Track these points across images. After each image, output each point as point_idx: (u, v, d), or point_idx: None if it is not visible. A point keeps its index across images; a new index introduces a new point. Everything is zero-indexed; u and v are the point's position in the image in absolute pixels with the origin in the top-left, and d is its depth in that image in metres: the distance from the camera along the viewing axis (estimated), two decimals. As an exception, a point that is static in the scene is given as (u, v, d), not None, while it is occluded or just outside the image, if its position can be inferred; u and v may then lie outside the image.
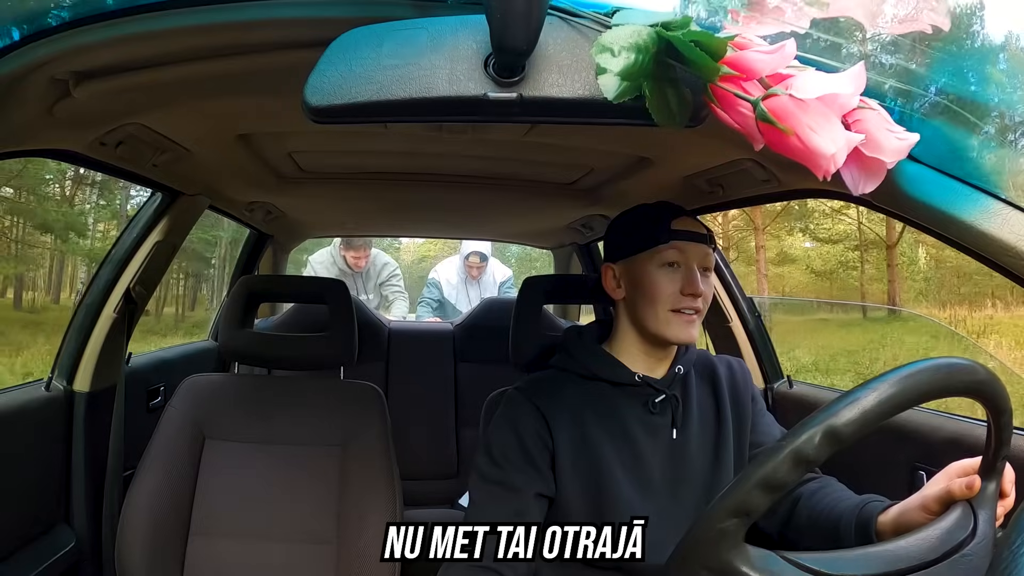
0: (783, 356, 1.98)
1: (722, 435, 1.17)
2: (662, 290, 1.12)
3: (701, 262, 1.14)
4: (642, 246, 1.14)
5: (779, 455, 0.62)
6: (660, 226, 1.13)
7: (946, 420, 1.30)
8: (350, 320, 1.63)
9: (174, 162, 1.44)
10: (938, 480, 0.83)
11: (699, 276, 1.13)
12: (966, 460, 0.82)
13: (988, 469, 0.75)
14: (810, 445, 0.61)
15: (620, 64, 0.67)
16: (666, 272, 1.12)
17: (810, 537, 1.07)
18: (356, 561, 1.43)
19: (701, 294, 1.12)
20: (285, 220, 2.57)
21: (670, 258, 1.12)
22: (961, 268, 14.51)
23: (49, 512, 1.63)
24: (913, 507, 0.86)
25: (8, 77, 0.87)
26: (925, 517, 0.81)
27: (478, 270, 4.27)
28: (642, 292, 1.14)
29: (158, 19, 0.82)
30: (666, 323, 1.12)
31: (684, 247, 1.13)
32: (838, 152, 0.63)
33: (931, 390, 0.64)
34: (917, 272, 16.35)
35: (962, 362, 0.67)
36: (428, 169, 1.84)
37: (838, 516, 1.00)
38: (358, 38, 0.71)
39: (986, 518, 0.73)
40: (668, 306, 1.12)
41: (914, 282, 16.16)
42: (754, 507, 0.63)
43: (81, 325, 1.72)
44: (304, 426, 1.58)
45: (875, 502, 0.97)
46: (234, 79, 1.03)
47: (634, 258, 1.16)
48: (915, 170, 0.84)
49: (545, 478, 1.11)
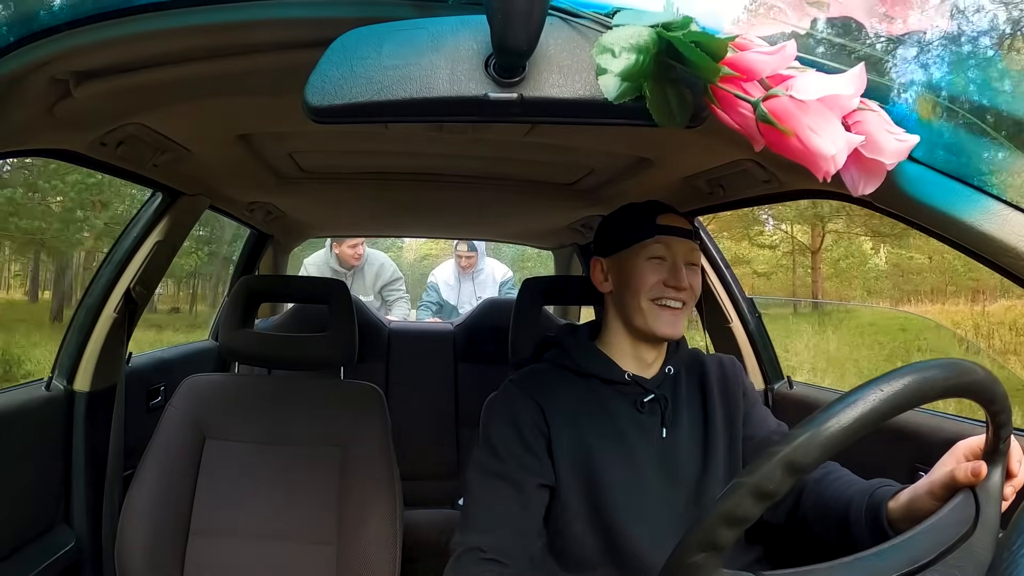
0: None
1: (711, 434, 1.18)
2: (646, 280, 1.15)
3: (687, 257, 1.18)
4: (629, 241, 1.18)
5: (773, 460, 0.62)
6: (646, 222, 1.18)
7: (945, 420, 1.30)
8: (350, 320, 1.63)
9: (174, 162, 1.44)
10: (945, 462, 0.83)
11: (684, 270, 1.16)
12: (973, 439, 0.82)
13: (991, 453, 0.75)
14: (804, 452, 0.61)
15: (621, 65, 0.67)
16: (652, 264, 1.16)
17: (818, 525, 1.07)
18: (356, 561, 1.43)
19: (686, 287, 1.15)
20: (285, 220, 2.57)
21: (656, 252, 1.16)
22: (906, 267, 16.97)
23: (49, 512, 1.63)
24: (922, 492, 0.86)
25: (8, 77, 0.87)
26: (934, 503, 0.81)
27: (467, 260, 4.28)
28: (627, 283, 1.17)
29: (158, 19, 0.82)
30: (650, 315, 1.15)
31: (669, 242, 1.17)
32: (838, 153, 0.63)
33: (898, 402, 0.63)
34: (869, 271, 18.29)
35: (949, 362, 0.66)
36: (428, 169, 1.84)
37: (847, 502, 1.00)
38: (359, 38, 0.71)
39: (989, 508, 0.72)
40: (651, 295, 1.14)
41: (865, 280, 18.35)
42: (722, 541, 0.62)
43: (81, 325, 1.72)
44: (304, 426, 1.58)
45: (885, 487, 0.97)
46: (235, 79, 1.03)
47: (622, 253, 1.19)
48: (916, 171, 0.84)
49: (545, 466, 1.12)
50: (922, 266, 16.99)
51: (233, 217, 2.33)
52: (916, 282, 16.99)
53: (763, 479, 0.61)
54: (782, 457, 0.61)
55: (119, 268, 1.74)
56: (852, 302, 17.65)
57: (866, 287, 18.06)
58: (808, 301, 16.20)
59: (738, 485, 0.62)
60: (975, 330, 12.68)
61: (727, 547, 0.63)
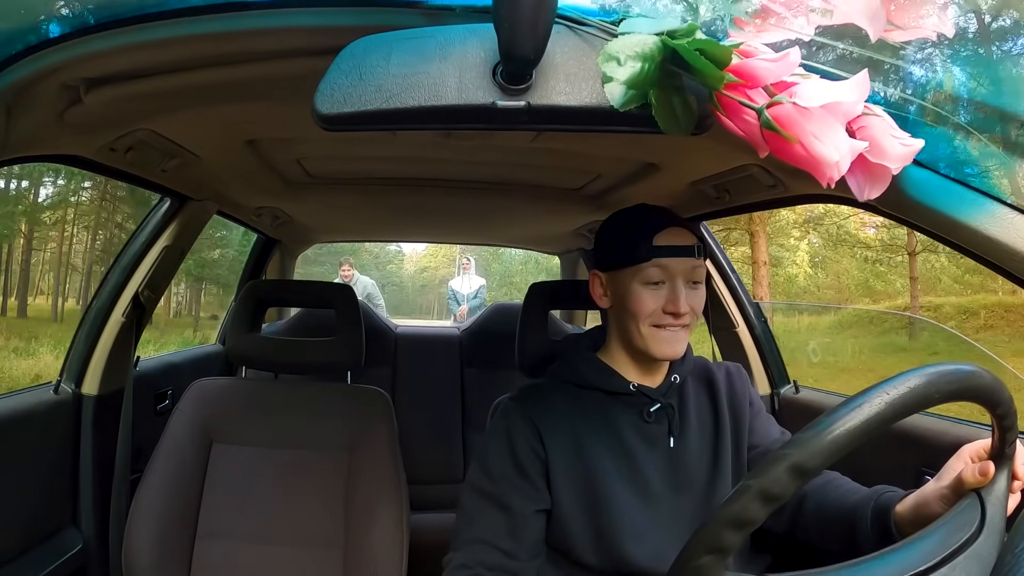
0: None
1: (720, 442, 1.15)
2: (643, 308, 1.08)
3: (688, 276, 1.09)
4: (625, 262, 1.10)
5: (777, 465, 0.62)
6: (643, 242, 1.08)
7: (952, 424, 1.29)
8: (357, 325, 1.63)
9: (183, 167, 1.45)
10: (952, 465, 0.82)
11: (683, 292, 1.08)
12: (979, 442, 0.81)
13: (997, 456, 0.75)
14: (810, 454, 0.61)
15: (626, 72, 0.67)
16: (649, 290, 1.08)
17: (821, 534, 1.06)
18: (363, 565, 1.43)
19: (685, 312, 1.08)
20: (293, 225, 2.58)
21: (652, 277, 1.08)
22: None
23: (57, 514, 1.64)
24: (929, 496, 0.85)
25: (19, 83, 0.88)
26: (942, 507, 0.80)
27: (463, 267, 8.46)
28: (625, 307, 1.11)
29: (169, 27, 0.83)
30: (649, 339, 1.09)
31: (667, 263, 1.08)
32: (842, 159, 0.63)
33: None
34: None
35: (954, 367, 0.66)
36: (435, 175, 1.84)
37: (851, 508, 0.99)
38: (367, 46, 0.72)
39: (995, 512, 0.72)
40: (650, 322, 1.09)
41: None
42: (727, 543, 0.63)
43: (90, 329, 1.74)
44: (311, 430, 1.59)
45: (889, 492, 0.96)
46: (244, 86, 1.03)
47: (618, 272, 1.12)
48: (920, 175, 0.84)
49: (540, 491, 1.09)
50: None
51: (240, 222, 2.34)
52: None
53: (770, 482, 0.61)
54: (788, 460, 0.61)
55: (127, 273, 1.75)
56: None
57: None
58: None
59: (745, 488, 0.62)
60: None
61: (733, 550, 0.63)
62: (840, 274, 20.19)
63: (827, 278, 20.61)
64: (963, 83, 0.85)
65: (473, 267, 8.42)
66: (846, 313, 15.60)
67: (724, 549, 0.63)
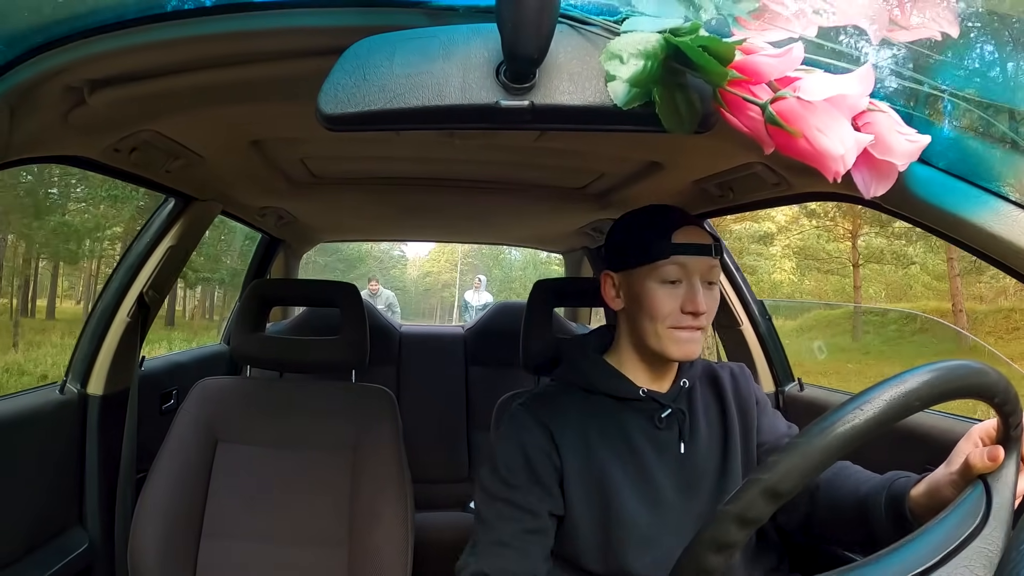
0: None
1: (730, 444, 1.15)
2: (661, 308, 1.07)
3: (705, 275, 1.08)
4: (641, 260, 1.09)
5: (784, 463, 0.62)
6: (661, 240, 1.07)
7: (957, 423, 1.29)
8: (362, 324, 1.63)
9: (187, 168, 1.46)
10: (961, 448, 0.81)
11: (701, 292, 1.07)
12: (989, 422, 0.80)
13: (1004, 441, 0.74)
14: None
15: (629, 71, 0.67)
16: (667, 289, 1.07)
17: (836, 527, 1.05)
18: (368, 564, 1.44)
19: (704, 311, 1.07)
20: (297, 225, 2.58)
21: (671, 275, 1.07)
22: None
23: (63, 514, 1.64)
24: (940, 481, 0.84)
25: (24, 85, 0.88)
26: (952, 492, 0.79)
27: (475, 286, 11.18)
28: (641, 308, 1.09)
29: (172, 28, 0.83)
30: (666, 340, 1.08)
31: (686, 261, 1.06)
32: (847, 153, 0.62)
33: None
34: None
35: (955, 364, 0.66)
36: (439, 174, 1.84)
37: (864, 496, 0.98)
38: (371, 47, 0.71)
39: (1001, 501, 0.71)
40: (668, 324, 1.07)
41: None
42: (733, 540, 0.63)
43: (95, 329, 1.74)
44: (316, 429, 1.59)
45: (903, 479, 0.95)
46: (248, 87, 1.03)
47: (633, 271, 1.10)
48: (925, 173, 0.83)
49: (554, 497, 1.08)
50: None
51: (244, 222, 2.35)
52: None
53: (778, 480, 0.61)
54: (760, 485, 0.62)
55: (132, 273, 1.76)
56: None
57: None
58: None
59: (752, 482, 0.62)
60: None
61: (738, 546, 0.63)
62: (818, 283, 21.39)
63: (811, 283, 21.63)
64: (967, 80, 0.84)
65: (484, 285, 11.59)
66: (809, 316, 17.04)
67: (730, 545, 0.63)
